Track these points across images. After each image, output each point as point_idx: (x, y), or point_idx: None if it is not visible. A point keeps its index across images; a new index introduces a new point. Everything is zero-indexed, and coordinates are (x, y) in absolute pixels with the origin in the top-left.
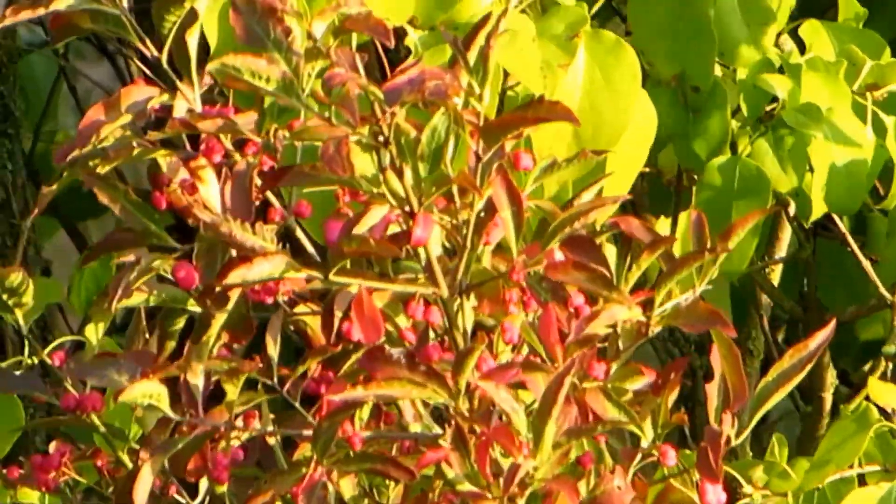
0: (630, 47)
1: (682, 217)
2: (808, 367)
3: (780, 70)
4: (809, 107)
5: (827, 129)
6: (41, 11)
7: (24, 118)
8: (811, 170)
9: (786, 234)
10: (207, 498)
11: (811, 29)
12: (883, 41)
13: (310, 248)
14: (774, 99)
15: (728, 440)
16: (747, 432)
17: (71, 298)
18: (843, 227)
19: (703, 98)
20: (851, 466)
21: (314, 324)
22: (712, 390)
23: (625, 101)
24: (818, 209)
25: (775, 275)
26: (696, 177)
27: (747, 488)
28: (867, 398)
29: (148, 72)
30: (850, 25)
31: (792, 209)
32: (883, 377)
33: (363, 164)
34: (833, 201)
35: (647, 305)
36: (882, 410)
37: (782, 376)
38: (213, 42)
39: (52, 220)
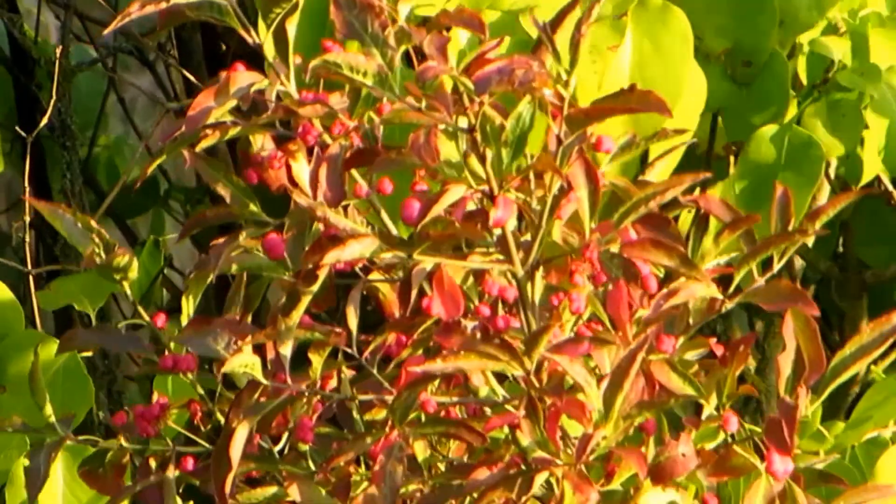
0: (679, 10)
1: (718, 188)
2: (890, 341)
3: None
4: (869, 66)
5: (885, 88)
6: (163, 5)
7: (78, 130)
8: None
9: (824, 194)
10: (287, 448)
11: None
12: None
13: (389, 224)
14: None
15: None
16: (818, 404)
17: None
18: (888, 184)
19: (755, 71)
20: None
21: (386, 290)
22: (785, 362)
23: (677, 68)
24: (871, 171)
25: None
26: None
27: None
28: None
29: (188, 75)
30: None
31: (832, 170)
32: None
33: (447, 149)
34: (891, 162)
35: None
36: None
37: (862, 349)
38: None
39: (105, 218)
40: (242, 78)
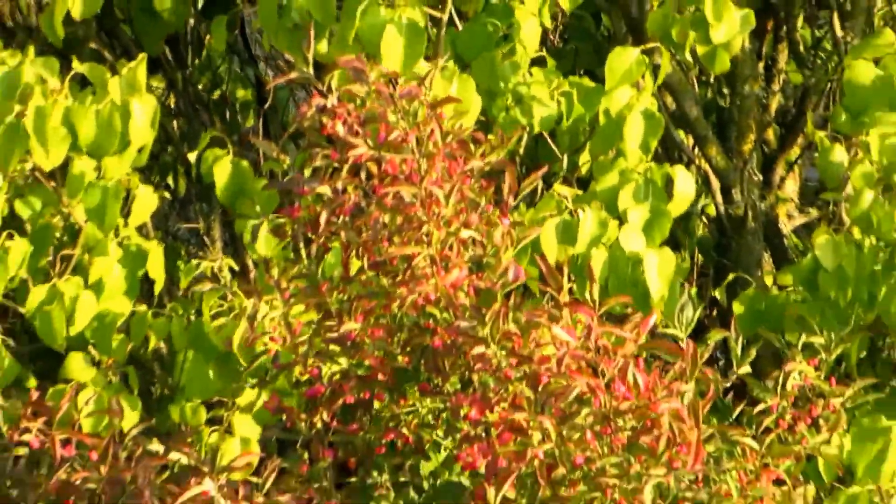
0: (468, 76)
1: None
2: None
3: None
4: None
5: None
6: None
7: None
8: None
9: None
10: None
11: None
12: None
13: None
14: None
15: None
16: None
17: None
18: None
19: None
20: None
21: (371, 165)
22: (505, 188)
23: (471, 93)
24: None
25: None
26: None
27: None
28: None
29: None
30: None
31: None
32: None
33: (391, 117)
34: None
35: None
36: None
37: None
38: None
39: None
40: (313, 102)
